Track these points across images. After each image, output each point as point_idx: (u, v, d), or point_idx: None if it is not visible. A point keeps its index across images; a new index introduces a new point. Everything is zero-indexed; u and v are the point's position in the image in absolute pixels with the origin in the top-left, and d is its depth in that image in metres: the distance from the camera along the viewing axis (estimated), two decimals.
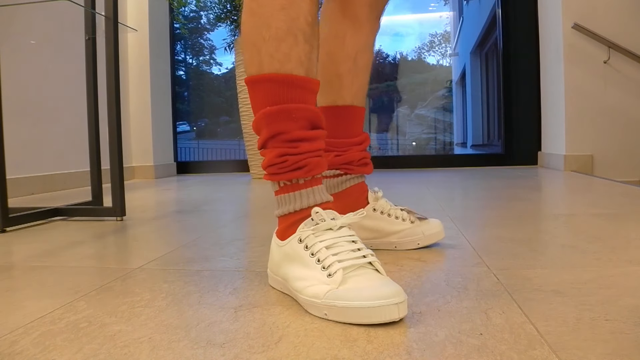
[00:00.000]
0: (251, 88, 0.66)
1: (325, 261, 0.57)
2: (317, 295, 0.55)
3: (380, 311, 0.51)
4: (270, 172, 0.66)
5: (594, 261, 0.76)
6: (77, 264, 0.86)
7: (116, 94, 1.30)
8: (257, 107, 0.66)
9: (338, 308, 0.53)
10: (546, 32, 2.79)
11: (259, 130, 0.66)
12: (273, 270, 0.67)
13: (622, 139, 2.48)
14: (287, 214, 0.66)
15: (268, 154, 0.65)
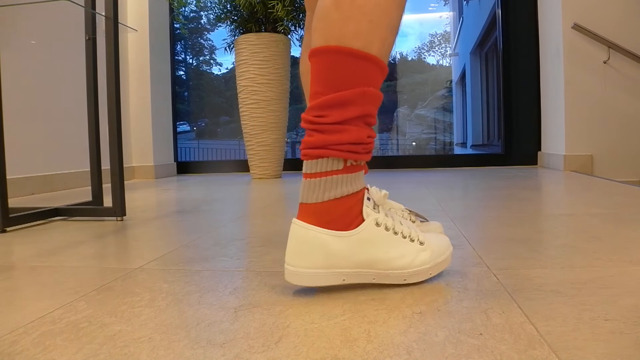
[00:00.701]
0: (348, 59, 0.61)
1: (411, 234, 0.66)
2: (425, 262, 0.65)
3: (449, 258, 0.69)
4: (353, 150, 0.63)
5: (594, 261, 0.76)
6: (77, 264, 0.86)
7: (116, 94, 1.30)
8: (349, 81, 0.61)
9: (437, 264, 0.67)
10: (546, 32, 2.79)
11: (347, 104, 0.62)
12: (336, 264, 0.62)
13: (622, 139, 2.48)
14: (347, 195, 0.63)
15: (354, 131, 0.62)
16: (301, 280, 0.62)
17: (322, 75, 0.63)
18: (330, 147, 0.62)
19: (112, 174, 1.33)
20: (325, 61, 0.62)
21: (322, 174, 0.63)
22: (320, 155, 0.63)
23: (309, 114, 0.64)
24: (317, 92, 0.64)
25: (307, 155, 0.64)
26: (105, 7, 1.29)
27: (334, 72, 0.62)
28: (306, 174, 0.65)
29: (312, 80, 0.65)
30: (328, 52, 0.61)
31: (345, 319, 0.55)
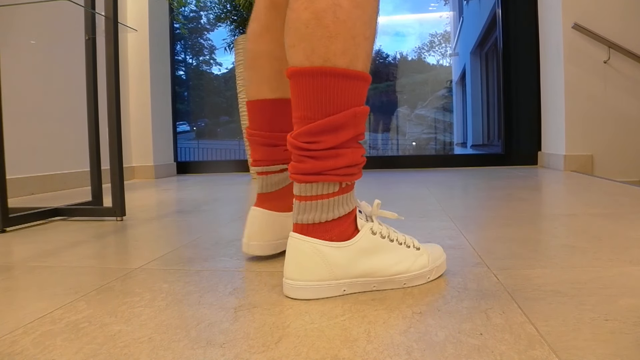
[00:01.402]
0: (336, 81, 0.59)
1: (406, 241, 0.68)
2: (424, 265, 0.67)
3: (444, 263, 0.71)
4: (349, 173, 0.62)
5: (594, 261, 0.76)
6: (77, 264, 0.86)
7: (116, 94, 1.30)
8: (340, 103, 0.59)
9: (436, 267, 0.69)
10: (546, 32, 2.79)
11: (340, 128, 0.60)
12: (336, 275, 0.62)
13: (622, 139, 2.48)
14: (346, 213, 0.64)
15: (349, 154, 0.61)
16: (302, 294, 0.62)
17: (309, 98, 0.60)
18: (326, 173, 0.61)
19: (112, 174, 1.32)
20: (312, 84, 0.59)
21: (317, 197, 0.62)
22: (315, 181, 0.62)
23: (299, 140, 0.61)
24: (305, 116, 0.61)
25: (299, 180, 0.63)
26: (105, 7, 1.29)
27: (323, 95, 0.59)
28: (299, 197, 0.63)
29: (296, 102, 0.62)
30: (314, 74, 0.59)
31: (345, 319, 0.55)
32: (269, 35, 0.80)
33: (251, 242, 0.81)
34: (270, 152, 0.83)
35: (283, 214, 0.83)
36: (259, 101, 0.82)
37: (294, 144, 0.62)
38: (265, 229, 0.81)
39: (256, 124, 0.83)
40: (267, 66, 0.81)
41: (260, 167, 0.83)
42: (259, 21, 0.82)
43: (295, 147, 0.62)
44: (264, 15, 0.81)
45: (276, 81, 0.82)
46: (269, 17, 0.80)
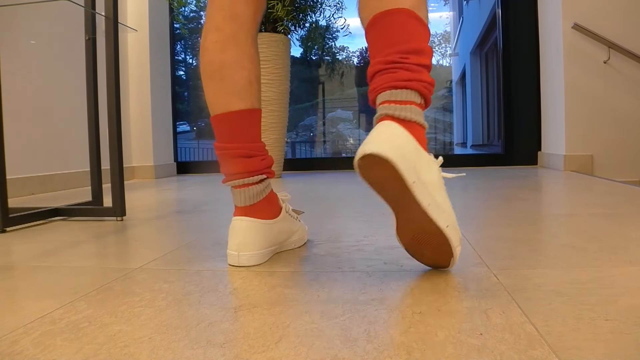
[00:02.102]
0: (415, 20, 0.69)
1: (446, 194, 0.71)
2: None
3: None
4: (429, 88, 0.69)
5: (594, 261, 0.76)
6: (77, 264, 0.86)
7: (116, 94, 1.30)
8: (420, 37, 0.70)
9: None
10: (546, 32, 2.79)
11: (424, 52, 0.69)
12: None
13: (622, 139, 2.48)
14: (419, 123, 0.68)
15: (427, 73, 0.69)
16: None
17: (397, 30, 0.68)
18: (414, 80, 0.67)
19: (112, 174, 1.32)
20: (398, 20, 0.68)
21: (409, 102, 0.67)
22: (408, 87, 0.67)
23: (392, 57, 0.67)
24: (396, 42, 0.68)
25: (396, 86, 0.67)
26: (105, 7, 1.29)
27: (408, 28, 0.68)
28: (392, 101, 0.67)
29: (382, 36, 0.69)
30: (398, 12, 0.68)
31: (345, 319, 0.55)
32: (235, 45, 0.81)
33: (242, 254, 0.80)
34: (247, 163, 0.81)
35: (271, 221, 0.83)
36: (229, 113, 0.81)
37: (389, 59, 0.67)
38: (256, 237, 0.81)
39: (227, 138, 0.82)
40: (236, 76, 0.81)
41: (237, 180, 0.81)
42: (222, 32, 0.81)
43: (389, 62, 0.67)
44: (226, 26, 0.81)
45: (245, 91, 0.81)
46: (233, 27, 0.81)
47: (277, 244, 0.86)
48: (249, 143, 0.82)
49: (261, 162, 0.83)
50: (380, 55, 0.69)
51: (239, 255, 0.80)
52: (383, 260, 0.80)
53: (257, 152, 0.83)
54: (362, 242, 0.96)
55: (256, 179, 0.82)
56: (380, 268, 0.76)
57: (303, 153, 4.00)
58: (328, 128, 3.98)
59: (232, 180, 0.82)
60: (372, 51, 0.71)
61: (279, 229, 0.85)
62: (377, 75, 0.69)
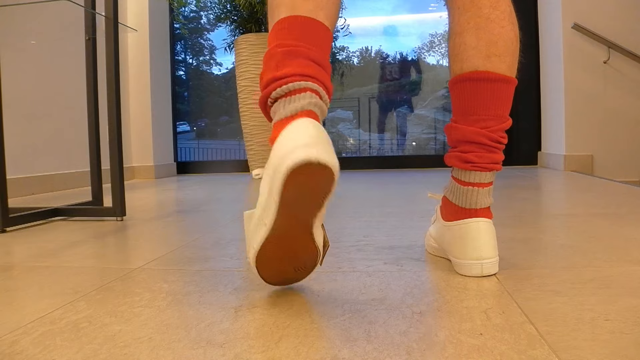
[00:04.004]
0: (512, 90, 0.74)
1: None
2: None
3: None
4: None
5: (593, 261, 0.76)
6: (77, 264, 0.86)
7: (116, 94, 1.30)
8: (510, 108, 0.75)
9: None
10: (546, 32, 2.79)
11: (508, 127, 0.76)
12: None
13: (622, 139, 2.48)
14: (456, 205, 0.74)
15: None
16: (496, 269, 0.72)
17: (506, 101, 0.72)
18: (499, 164, 0.75)
19: (112, 174, 1.32)
20: (508, 89, 0.71)
21: (490, 184, 0.75)
22: (499, 169, 0.75)
23: (497, 134, 0.72)
24: (500, 115, 0.71)
25: (491, 168, 0.74)
26: (105, 7, 1.29)
27: (510, 100, 0.72)
28: (486, 184, 0.73)
29: (497, 103, 0.71)
30: (511, 82, 0.71)
31: (345, 319, 0.55)
32: None
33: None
34: (322, 72, 0.61)
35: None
36: (313, 20, 0.62)
37: (494, 137, 0.72)
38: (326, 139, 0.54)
39: (299, 40, 0.61)
40: None
41: (308, 82, 0.58)
42: None
43: (494, 139, 0.72)
44: None
45: (333, 12, 0.66)
46: None
47: None
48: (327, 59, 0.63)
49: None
50: (478, 123, 0.71)
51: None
52: (383, 260, 0.80)
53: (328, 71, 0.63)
54: (362, 242, 0.96)
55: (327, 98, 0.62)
56: (380, 268, 0.76)
57: None
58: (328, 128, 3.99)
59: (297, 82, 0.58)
60: (474, 110, 0.72)
61: None
62: (480, 147, 0.72)
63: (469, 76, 0.71)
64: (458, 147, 0.74)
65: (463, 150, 0.73)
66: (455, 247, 0.72)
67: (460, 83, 0.73)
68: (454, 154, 0.75)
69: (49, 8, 2.25)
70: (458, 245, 0.72)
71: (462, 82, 0.72)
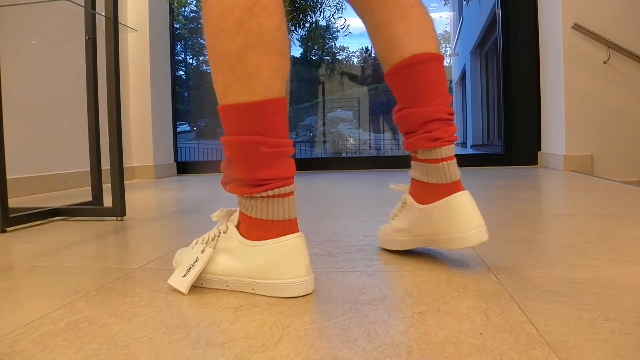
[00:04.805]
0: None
1: None
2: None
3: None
4: None
5: (593, 261, 0.76)
6: (77, 264, 0.86)
7: (116, 94, 1.30)
8: None
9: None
10: (546, 32, 2.79)
11: None
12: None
13: (622, 139, 2.48)
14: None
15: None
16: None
17: (443, 77, 0.77)
18: (456, 134, 0.77)
19: (112, 174, 1.32)
20: (442, 66, 0.77)
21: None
22: (455, 140, 0.77)
23: (448, 108, 0.75)
24: (445, 90, 0.76)
25: (454, 140, 0.76)
26: (105, 7, 1.29)
27: (445, 76, 0.78)
28: (452, 156, 0.75)
29: (439, 79, 0.76)
30: (442, 59, 0.77)
31: (345, 319, 0.55)
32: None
33: (311, 278, 0.66)
34: (292, 165, 0.68)
35: None
36: (283, 100, 0.65)
37: (448, 110, 0.75)
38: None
39: (280, 131, 0.65)
40: (288, 56, 0.67)
41: (291, 185, 0.66)
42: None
43: (449, 112, 0.75)
44: None
45: (286, 77, 0.67)
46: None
47: None
48: (288, 140, 0.67)
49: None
50: (433, 102, 0.75)
51: (311, 280, 0.64)
52: (383, 261, 0.80)
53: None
54: (362, 242, 0.96)
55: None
56: (380, 268, 0.76)
57: (303, 153, 4.00)
58: (328, 128, 3.98)
59: (287, 186, 0.65)
60: (423, 91, 0.75)
61: None
62: (441, 123, 0.74)
63: (410, 61, 0.74)
64: (421, 129, 0.76)
65: (428, 129, 0.75)
66: (446, 224, 0.73)
67: (404, 69, 0.76)
68: (420, 136, 0.76)
69: (49, 8, 2.25)
70: (449, 220, 0.73)
71: (405, 69, 0.75)
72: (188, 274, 0.66)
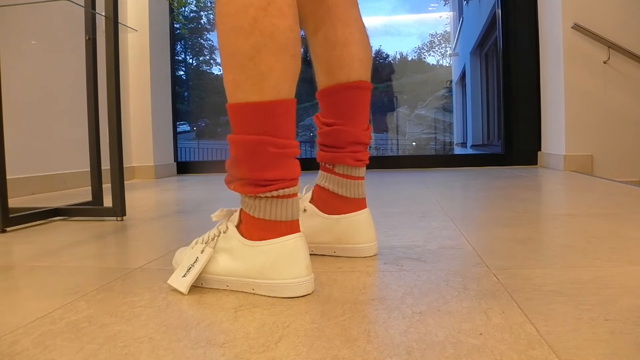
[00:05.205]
0: None
1: None
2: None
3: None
4: None
5: (593, 261, 0.76)
6: (77, 264, 0.86)
7: (116, 94, 1.30)
8: None
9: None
10: (546, 32, 2.79)
11: None
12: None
13: (622, 139, 2.48)
14: None
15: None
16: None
17: (367, 107, 0.84)
18: None
19: (112, 174, 1.32)
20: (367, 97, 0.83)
21: None
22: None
23: (368, 135, 0.82)
24: (368, 118, 0.83)
25: (366, 164, 0.83)
26: (105, 7, 1.29)
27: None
28: (363, 176, 0.83)
29: (368, 108, 0.83)
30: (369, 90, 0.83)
31: (345, 319, 0.55)
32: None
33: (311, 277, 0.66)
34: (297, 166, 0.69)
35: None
36: (292, 101, 0.66)
37: (370, 137, 0.83)
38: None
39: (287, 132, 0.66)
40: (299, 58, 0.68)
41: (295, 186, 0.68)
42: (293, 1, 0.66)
43: (370, 139, 0.83)
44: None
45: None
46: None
47: None
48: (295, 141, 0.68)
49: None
50: (362, 126, 0.81)
51: (312, 280, 0.64)
52: (383, 261, 0.80)
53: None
54: None
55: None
56: (380, 268, 0.76)
57: (303, 153, 4.00)
58: None
59: (292, 187, 0.65)
60: (359, 114, 0.81)
61: None
62: (364, 147, 0.82)
63: (357, 85, 0.79)
64: (347, 147, 0.80)
65: (354, 150, 0.80)
66: (354, 235, 0.81)
67: (348, 90, 0.79)
68: (346, 154, 0.80)
69: (49, 8, 2.25)
70: (357, 232, 0.81)
71: (350, 90, 0.79)
72: (188, 274, 0.66)
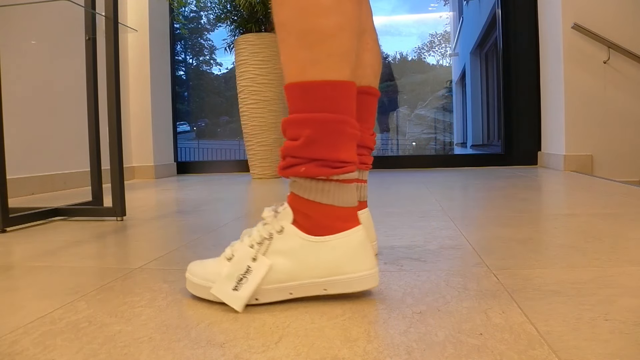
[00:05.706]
0: None
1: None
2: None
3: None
4: None
5: (594, 261, 0.76)
6: (77, 264, 0.86)
7: (116, 94, 1.30)
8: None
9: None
10: (546, 32, 2.79)
11: None
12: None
13: (622, 139, 2.48)
14: None
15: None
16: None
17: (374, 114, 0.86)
18: None
19: (112, 174, 1.32)
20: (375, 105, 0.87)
21: None
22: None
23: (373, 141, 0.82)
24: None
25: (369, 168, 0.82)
26: (105, 7, 1.29)
27: None
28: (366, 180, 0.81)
29: (375, 115, 0.84)
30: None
31: (345, 319, 0.55)
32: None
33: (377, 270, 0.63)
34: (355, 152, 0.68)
35: None
36: (355, 86, 0.65)
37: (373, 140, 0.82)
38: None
39: (350, 112, 0.63)
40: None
41: (353, 171, 0.65)
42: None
43: (373, 143, 0.82)
44: None
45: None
46: None
47: None
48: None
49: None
50: (368, 131, 0.81)
51: (377, 273, 0.61)
52: (383, 260, 0.80)
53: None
54: None
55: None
56: (380, 268, 0.76)
57: None
58: None
59: (354, 172, 0.63)
60: (368, 119, 0.81)
61: None
62: (369, 151, 0.81)
63: (367, 90, 0.79)
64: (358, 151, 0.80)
65: (360, 153, 0.78)
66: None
67: (358, 95, 0.70)
68: None
69: (49, 8, 2.25)
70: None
71: (359, 95, 0.74)
72: (240, 287, 0.58)
